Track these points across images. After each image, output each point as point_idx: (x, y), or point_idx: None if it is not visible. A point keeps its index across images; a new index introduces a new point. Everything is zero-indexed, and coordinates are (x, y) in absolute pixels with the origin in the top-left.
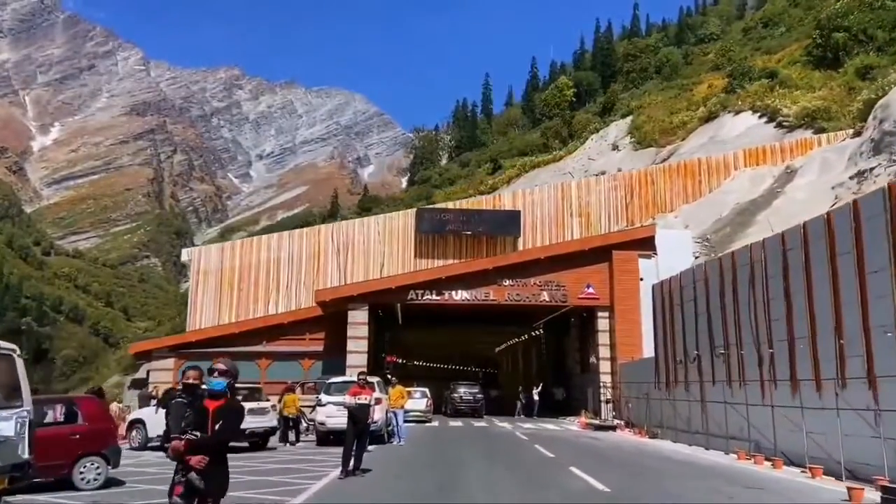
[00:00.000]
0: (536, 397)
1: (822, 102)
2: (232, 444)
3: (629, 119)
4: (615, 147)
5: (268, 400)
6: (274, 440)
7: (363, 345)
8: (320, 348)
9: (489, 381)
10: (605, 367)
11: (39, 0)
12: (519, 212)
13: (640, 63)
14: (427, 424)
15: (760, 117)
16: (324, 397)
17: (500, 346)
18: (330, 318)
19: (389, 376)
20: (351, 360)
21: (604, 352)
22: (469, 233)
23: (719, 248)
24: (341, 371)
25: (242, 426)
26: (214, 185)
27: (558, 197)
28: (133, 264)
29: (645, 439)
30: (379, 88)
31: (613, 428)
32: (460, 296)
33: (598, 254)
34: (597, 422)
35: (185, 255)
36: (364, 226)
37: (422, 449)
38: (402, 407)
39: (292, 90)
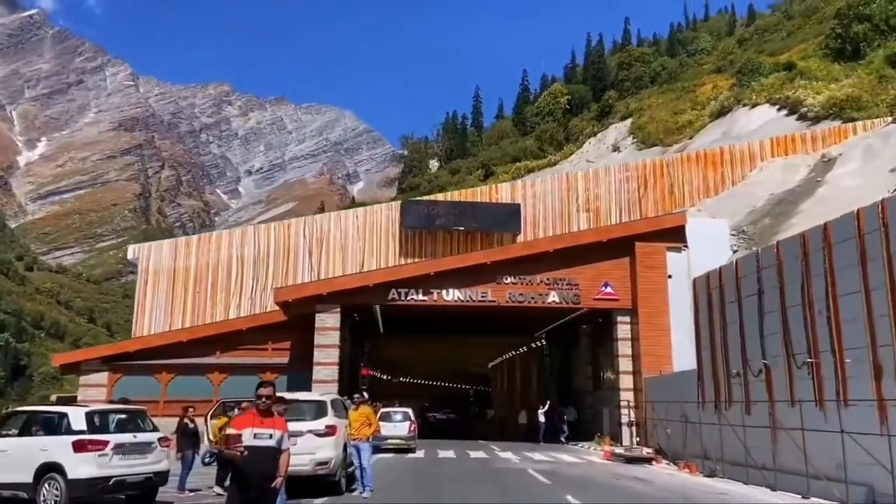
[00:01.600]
0: (542, 419)
1: (852, 91)
2: None
3: (629, 121)
4: (616, 148)
5: (156, 430)
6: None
7: (333, 355)
8: (285, 360)
9: (482, 401)
10: (625, 382)
11: (28, 16)
12: (519, 205)
13: (634, 72)
14: (409, 456)
15: (780, 110)
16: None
17: (495, 360)
18: (297, 323)
19: (356, 396)
20: (318, 373)
21: (624, 364)
22: (462, 228)
23: (759, 240)
24: (309, 387)
25: (107, 473)
26: (202, 200)
27: (563, 189)
28: (118, 280)
29: (700, 478)
30: (369, 105)
31: (649, 460)
32: (452, 296)
33: (617, 246)
34: (626, 452)
35: (132, 252)
36: (341, 220)
37: None
38: (370, 438)
39: (282, 106)
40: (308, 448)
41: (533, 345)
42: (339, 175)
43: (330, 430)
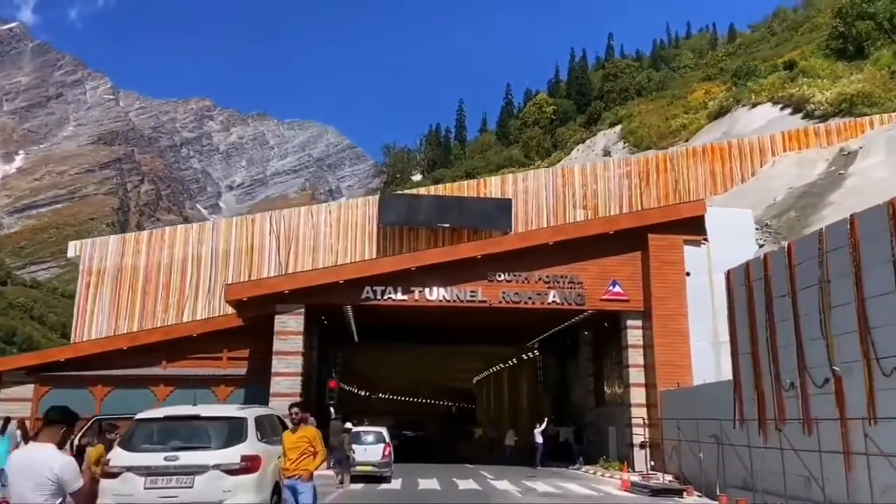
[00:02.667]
0: (539, 440)
1: (863, 87)
2: None
3: (618, 127)
4: (607, 153)
5: None
6: None
7: (295, 364)
8: (243, 370)
9: (465, 418)
10: (636, 396)
11: (8, 29)
12: (510, 200)
13: (620, 83)
14: (383, 487)
15: (783, 108)
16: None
17: (481, 374)
18: (257, 328)
19: (294, 410)
20: (277, 385)
21: (635, 375)
22: (447, 226)
23: (787, 233)
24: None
25: None
26: (182, 215)
27: (558, 184)
28: None
29: None
30: (352, 121)
31: (679, 492)
32: (437, 295)
33: (627, 239)
34: (648, 482)
35: (72, 249)
36: (312, 215)
37: None
38: (311, 475)
39: (264, 122)
40: (213, 493)
41: (524, 356)
42: (321, 191)
43: (249, 464)
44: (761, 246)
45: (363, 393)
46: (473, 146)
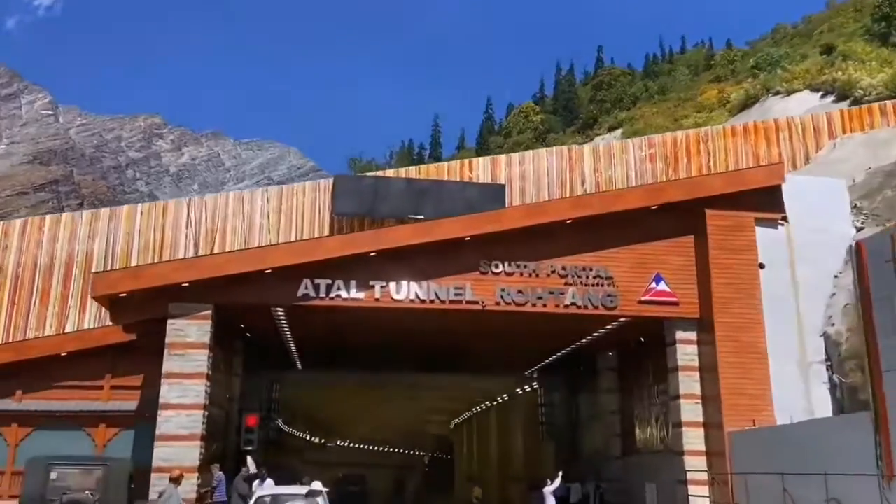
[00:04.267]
0: (552, 501)
1: None
2: None
3: (619, 131)
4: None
5: None
6: None
7: (197, 392)
8: (132, 404)
9: (441, 470)
10: (691, 440)
11: None
12: (503, 187)
13: (614, 92)
14: None
15: (824, 96)
16: None
17: (461, 416)
18: (151, 342)
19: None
20: (166, 424)
21: (689, 410)
22: (422, 217)
23: (888, 214)
24: None
25: None
26: None
27: (563, 168)
28: None
29: None
30: (316, 142)
31: None
32: (407, 292)
33: (676, 216)
34: None
35: None
36: (244, 204)
37: None
38: None
39: (219, 141)
40: None
41: (518, 390)
42: None
43: None
44: (861, 227)
45: (319, 440)
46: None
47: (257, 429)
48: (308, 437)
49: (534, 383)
